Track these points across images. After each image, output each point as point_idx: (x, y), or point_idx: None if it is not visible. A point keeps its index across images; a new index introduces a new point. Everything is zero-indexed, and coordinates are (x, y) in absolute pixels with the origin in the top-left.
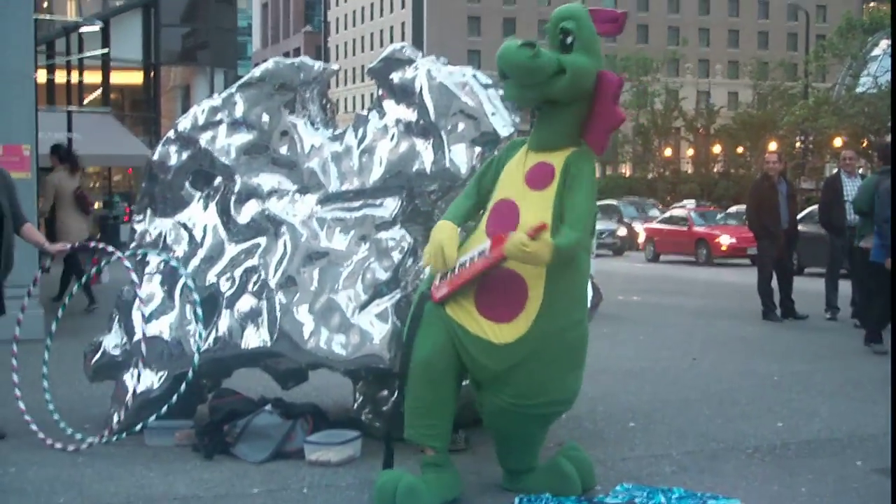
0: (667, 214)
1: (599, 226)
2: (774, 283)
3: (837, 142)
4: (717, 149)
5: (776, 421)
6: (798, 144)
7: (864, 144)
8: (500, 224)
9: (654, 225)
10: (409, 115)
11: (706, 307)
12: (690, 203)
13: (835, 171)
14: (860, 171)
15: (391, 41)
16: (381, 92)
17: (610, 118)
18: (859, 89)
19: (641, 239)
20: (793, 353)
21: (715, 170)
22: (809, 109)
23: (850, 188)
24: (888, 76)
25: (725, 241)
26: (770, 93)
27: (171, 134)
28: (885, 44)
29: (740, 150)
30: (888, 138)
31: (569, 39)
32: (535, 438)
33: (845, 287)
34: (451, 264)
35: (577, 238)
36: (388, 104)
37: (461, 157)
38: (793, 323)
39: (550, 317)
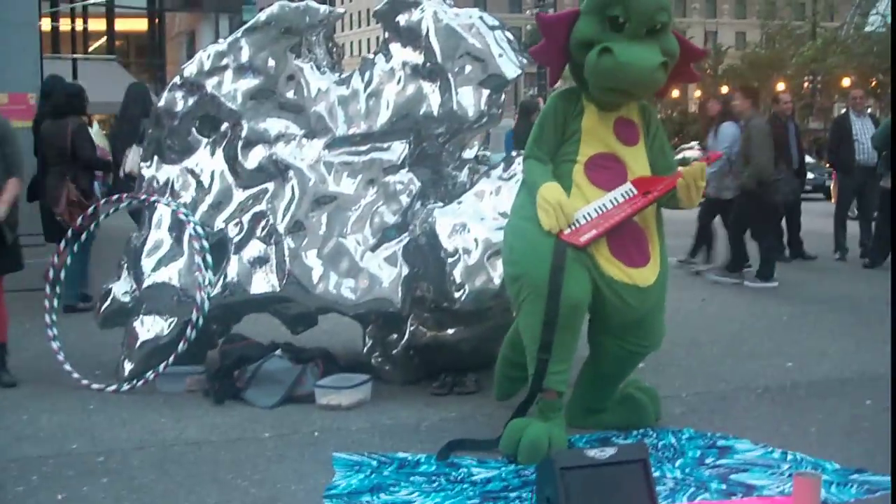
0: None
1: None
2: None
3: (845, 82)
4: (724, 90)
5: (786, 361)
6: (806, 84)
7: (873, 84)
8: (608, 176)
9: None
10: (416, 57)
11: (719, 250)
12: (696, 145)
13: (843, 110)
14: (868, 110)
15: None
16: (387, 35)
17: (685, 78)
18: (868, 28)
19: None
20: (802, 294)
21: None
22: (818, 49)
23: (859, 127)
24: None
25: None
26: (778, 32)
27: (176, 80)
28: None
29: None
30: None
31: (658, 26)
32: (623, 379)
33: (854, 227)
34: (572, 220)
35: None
36: (395, 47)
37: (468, 99)
38: (801, 263)
39: (664, 260)
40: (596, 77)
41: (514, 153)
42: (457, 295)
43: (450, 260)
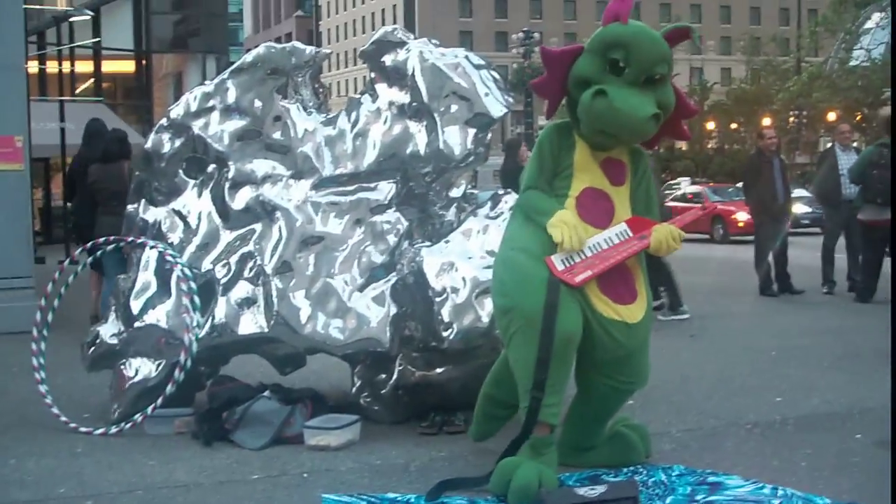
0: (680, 192)
1: None
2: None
3: (831, 116)
4: (710, 125)
5: (775, 396)
6: (792, 119)
7: (858, 118)
8: (595, 212)
9: (668, 203)
10: (402, 97)
11: (704, 284)
12: (686, 180)
13: (828, 144)
14: (854, 144)
15: (383, 24)
16: (373, 75)
17: (675, 133)
18: (852, 63)
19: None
20: (790, 328)
21: (709, 146)
22: (803, 84)
23: (846, 161)
24: (881, 49)
25: (742, 217)
26: (763, 68)
27: (163, 121)
28: (877, 17)
29: (734, 125)
30: (883, 111)
31: (657, 76)
32: (611, 417)
33: (841, 261)
34: (584, 247)
35: None
36: (381, 87)
37: (455, 138)
38: (790, 298)
39: (650, 298)
40: (588, 117)
41: (500, 191)
42: (445, 334)
43: (438, 299)
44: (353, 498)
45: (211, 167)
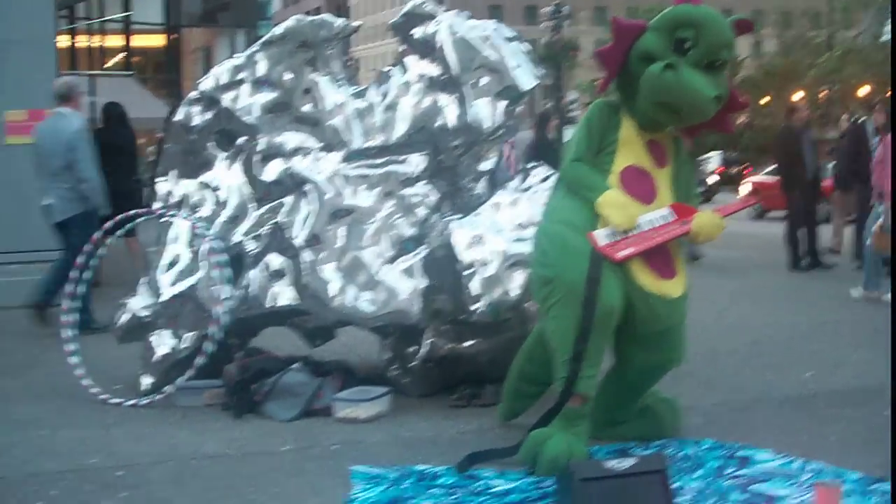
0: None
1: None
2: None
3: (862, 91)
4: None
5: (805, 371)
6: (823, 95)
7: (890, 93)
8: (638, 189)
9: (761, 178)
10: (432, 70)
11: (734, 259)
12: (716, 155)
13: (860, 119)
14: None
15: None
16: (403, 48)
17: (719, 125)
18: (885, 37)
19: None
20: (820, 303)
21: (739, 121)
22: (835, 59)
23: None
24: None
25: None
26: (794, 42)
27: (193, 94)
28: None
29: (765, 100)
30: None
31: (719, 62)
32: (644, 392)
33: None
34: (636, 224)
35: None
36: (411, 60)
37: (485, 111)
38: (820, 272)
39: (685, 272)
40: (654, 89)
41: (529, 165)
42: (474, 307)
43: (467, 272)
44: (382, 470)
45: (241, 140)
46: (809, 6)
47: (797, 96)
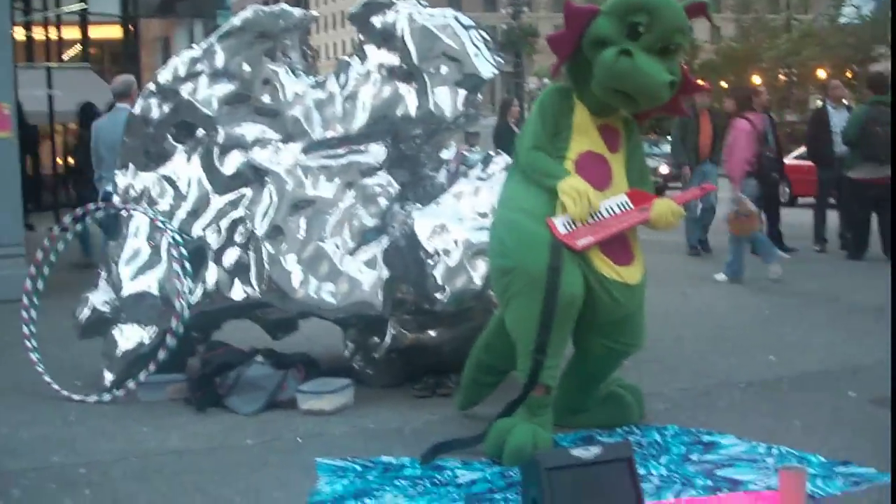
0: (802, 149)
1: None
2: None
3: (821, 73)
4: (699, 83)
5: (768, 355)
6: (782, 77)
7: (849, 75)
8: (594, 175)
9: (790, 160)
10: (392, 59)
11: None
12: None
13: (819, 103)
14: (845, 102)
15: None
16: (362, 37)
17: (671, 108)
18: (842, 19)
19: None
20: (783, 287)
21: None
22: (793, 42)
23: (837, 120)
24: (871, 5)
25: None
26: (752, 25)
27: (151, 87)
28: None
29: (724, 84)
30: (875, 68)
31: (672, 46)
32: (606, 378)
33: (833, 219)
34: (596, 207)
35: None
36: (370, 49)
37: (445, 99)
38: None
39: (642, 257)
40: (608, 76)
41: (492, 152)
42: (438, 296)
43: (430, 261)
44: (347, 462)
45: (200, 132)
46: None
47: (756, 79)
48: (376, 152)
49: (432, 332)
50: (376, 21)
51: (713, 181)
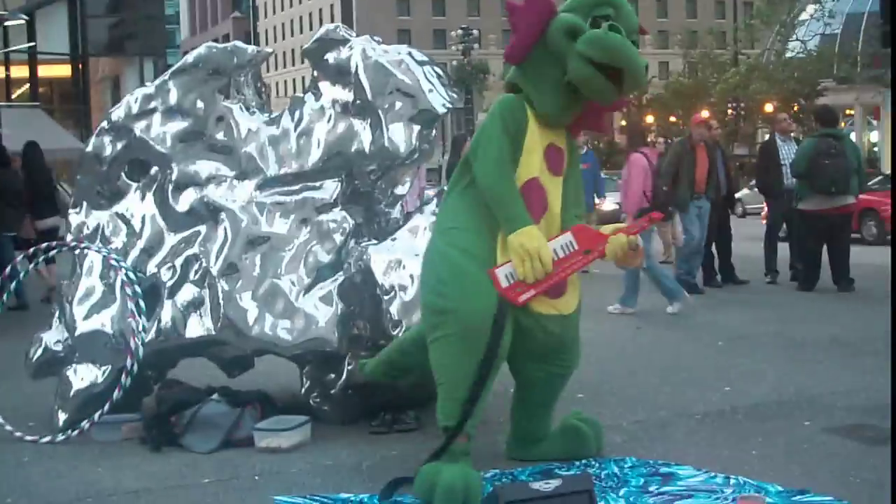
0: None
1: None
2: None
3: (768, 107)
4: (649, 119)
5: (723, 386)
6: (730, 111)
7: (795, 108)
8: (532, 205)
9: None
10: (346, 95)
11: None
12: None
13: (767, 136)
14: (792, 134)
15: (320, 24)
16: (316, 73)
17: (595, 125)
18: (788, 54)
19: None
20: (736, 318)
21: (648, 140)
22: (741, 76)
23: (786, 152)
24: (816, 40)
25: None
26: (700, 61)
27: (104, 124)
28: (811, 8)
29: (673, 119)
30: (821, 101)
31: (634, 37)
32: (555, 400)
33: (784, 250)
34: (549, 269)
35: None
36: (324, 85)
37: (400, 135)
38: (733, 288)
39: (577, 282)
40: (599, 47)
41: (446, 188)
42: (394, 332)
43: (386, 297)
44: (305, 499)
45: (154, 169)
46: (714, 24)
47: (704, 114)
48: (331, 188)
49: None
50: (330, 57)
51: (705, 217)
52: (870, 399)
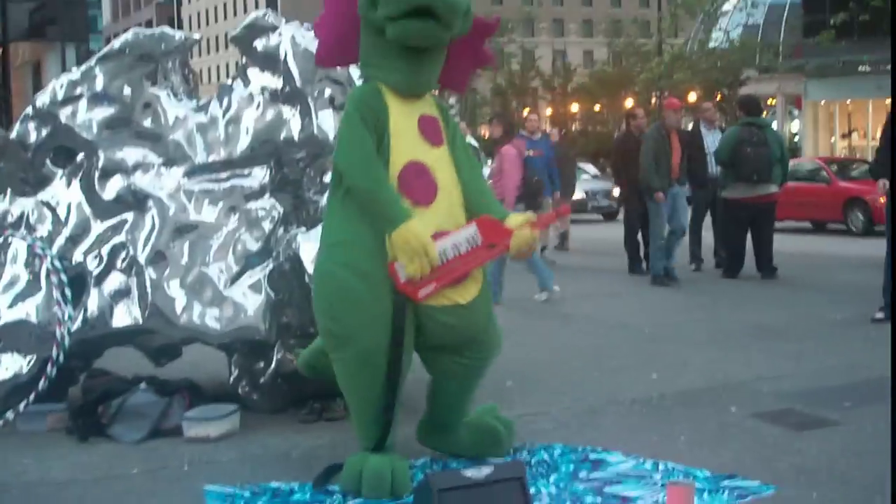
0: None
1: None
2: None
3: (692, 96)
4: (574, 107)
5: (651, 373)
6: (654, 100)
7: (718, 98)
8: (419, 190)
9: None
10: (275, 82)
11: (574, 264)
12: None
13: (691, 125)
14: (715, 123)
15: (245, 10)
16: (244, 60)
17: (480, 58)
18: (712, 44)
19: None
20: (662, 306)
21: (573, 128)
22: (664, 66)
23: (711, 141)
24: (739, 30)
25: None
26: (624, 50)
27: (29, 111)
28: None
29: (597, 107)
30: (744, 90)
31: None
32: (473, 391)
33: (708, 238)
34: (436, 263)
35: None
36: (253, 72)
37: (329, 122)
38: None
39: (484, 273)
40: (391, 1)
41: None
42: None
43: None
44: (235, 489)
45: (80, 156)
46: (639, 14)
47: (629, 103)
48: (260, 176)
49: None
50: (259, 44)
51: (683, 202)
52: (795, 384)
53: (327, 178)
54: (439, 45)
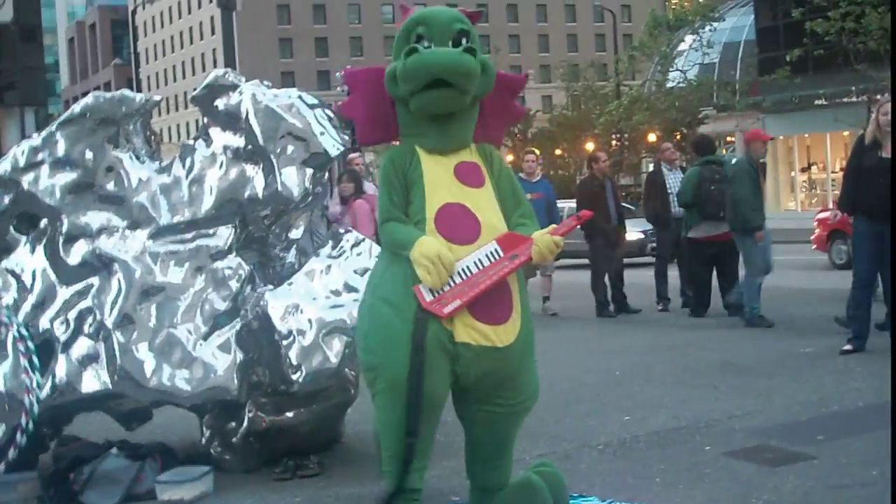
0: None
1: None
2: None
3: (652, 137)
4: (537, 152)
5: (623, 415)
6: (614, 142)
7: (678, 137)
8: (458, 229)
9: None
10: (237, 140)
11: (540, 308)
12: None
13: (651, 166)
14: (676, 162)
15: (203, 69)
16: (206, 119)
17: (512, 113)
18: (669, 84)
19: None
20: (631, 347)
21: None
22: (623, 108)
23: (672, 180)
24: (695, 69)
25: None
26: (583, 93)
27: None
28: (689, 39)
29: (558, 151)
30: (702, 129)
31: (464, 41)
32: (513, 444)
33: (674, 278)
34: (452, 268)
35: None
36: (215, 131)
37: (293, 179)
38: (627, 317)
39: (526, 313)
40: (407, 79)
41: (342, 230)
42: (294, 377)
43: (284, 342)
44: None
45: (43, 222)
46: (595, 57)
47: (590, 146)
48: (225, 235)
49: (290, 414)
50: (220, 103)
51: (770, 239)
52: (767, 420)
53: (293, 235)
54: (461, 108)
